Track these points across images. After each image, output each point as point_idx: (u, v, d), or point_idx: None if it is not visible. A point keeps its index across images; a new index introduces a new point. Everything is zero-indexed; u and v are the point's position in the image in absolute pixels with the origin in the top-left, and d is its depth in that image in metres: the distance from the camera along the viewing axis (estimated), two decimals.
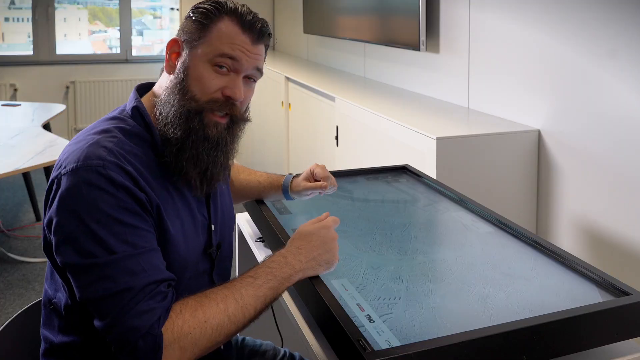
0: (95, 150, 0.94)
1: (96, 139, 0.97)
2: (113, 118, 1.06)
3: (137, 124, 1.04)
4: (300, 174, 1.46)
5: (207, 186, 1.08)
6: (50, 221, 0.93)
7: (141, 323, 0.85)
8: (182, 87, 1.04)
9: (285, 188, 1.44)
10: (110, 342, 0.86)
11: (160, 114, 1.05)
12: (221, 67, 1.04)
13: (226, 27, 1.05)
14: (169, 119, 1.03)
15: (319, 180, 1.41)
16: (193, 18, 1.07)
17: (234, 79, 1.06)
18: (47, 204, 0.96)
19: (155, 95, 1.09)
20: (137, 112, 1.06)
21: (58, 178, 0.94)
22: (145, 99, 1.10)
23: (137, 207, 0.94)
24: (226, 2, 1.08)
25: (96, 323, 0.88)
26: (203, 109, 1.03)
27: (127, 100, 1.12)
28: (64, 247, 0.90)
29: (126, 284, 0.87)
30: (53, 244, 0.93)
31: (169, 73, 1.08)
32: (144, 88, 1.14)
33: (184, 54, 1.06)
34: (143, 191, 0.96)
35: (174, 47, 1.08)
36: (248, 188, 1.45)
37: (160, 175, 1.03)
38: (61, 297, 1.02)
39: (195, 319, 0.89)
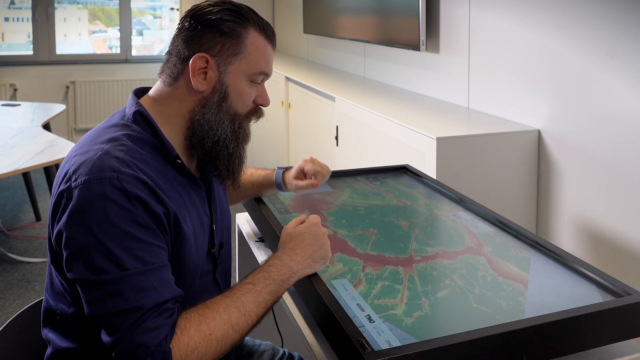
0: (107, 161, 0.92)
1: (105, 149, 0.95)
2: (116, 125, 1.03)
3: (142, 129, 1.03)
4: (289, 168, 1.47)
5: (239, 178, 1.15)
6: (59, 235, 0.92)
7: (149, 340, 0.85)
8: (227, 106, 1.08)
9: (278, 185, 1.46)
10: (118, 357, 0.86)
11: (207, 132, 1.06)
12: (255, 81, 1.11)
13: (256, 40, 1.09)
14: (221, 137, 1.07)
15: (311, 177, 1.43)
16: (220, 31, 1.05)
17: (262, 87, 1.13)
18: (56, 217, 0.94)
19: (158, 104, 1.07)
20: (141, 117, 1.04)
21: (68, 191, 0.91)
22: (144, 104, 1.07)
23: (151, 221, 0.92)
24: (245, 11, 1.09)
25: (104, 337, 0.88)
26: (244, 121, 1.12)
27: (126, 101, 1.11)
28: (75, 262, 0.89)
29: (136, 302, 0.87)
30: (64, 257, 0.92)
31: (199, 90, 1.06)
32: (141, 92, 1.12)
33: (218, 70, 1.06)
34: (160, 202, 0.95)
35: (199, 63, 1.05)
36: (243, 189, 1.45)
37: (171, 179, 1.02)
38: (65, 307, 1.01)
39: (200, 333, 0.89)
